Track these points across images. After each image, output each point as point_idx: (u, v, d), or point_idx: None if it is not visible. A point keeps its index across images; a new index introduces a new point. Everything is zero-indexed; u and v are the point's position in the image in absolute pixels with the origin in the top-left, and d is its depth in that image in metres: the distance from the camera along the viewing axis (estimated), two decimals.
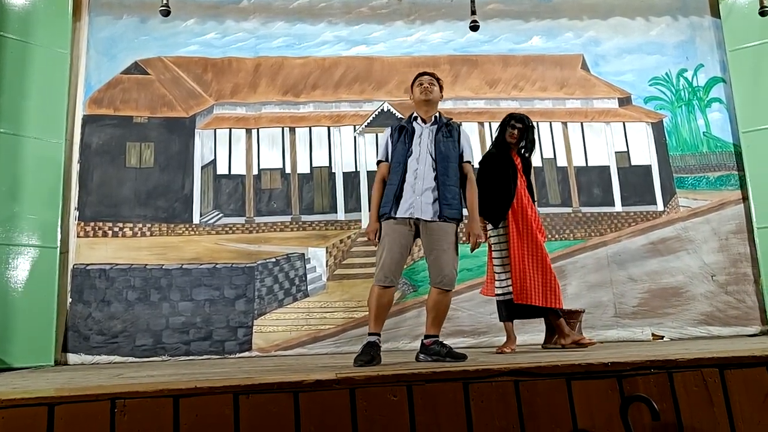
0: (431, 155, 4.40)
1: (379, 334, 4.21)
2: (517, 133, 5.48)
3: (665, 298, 7.09)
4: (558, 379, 2.86)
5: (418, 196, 4.30)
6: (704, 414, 2.87)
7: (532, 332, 6.78)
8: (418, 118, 4.57)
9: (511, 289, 5.26)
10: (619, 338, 6.82)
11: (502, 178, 5.38)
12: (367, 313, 4.36)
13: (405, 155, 4.42)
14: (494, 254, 5.44)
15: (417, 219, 4.30)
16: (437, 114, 4.59)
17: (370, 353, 4.02)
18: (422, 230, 4.33)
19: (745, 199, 7.36)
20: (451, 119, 4.64)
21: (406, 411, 2.72)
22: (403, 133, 4.50)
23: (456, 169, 4.45)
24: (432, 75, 4.67)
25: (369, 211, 4.47)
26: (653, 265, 7.21)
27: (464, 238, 4.52)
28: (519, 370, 2.87)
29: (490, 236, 5.42)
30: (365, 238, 4.54)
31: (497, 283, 5.39)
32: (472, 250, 4.47)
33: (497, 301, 5.43)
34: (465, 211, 4.49)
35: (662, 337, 6.70)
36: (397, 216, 4.31)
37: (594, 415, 2.81)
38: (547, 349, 5.82)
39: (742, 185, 7.41)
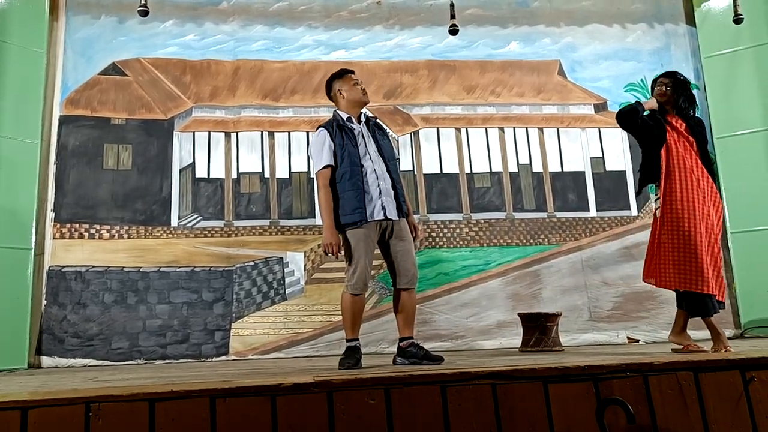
0: (378, 154, 4.30)
1: (358, 339, 4.23)
2: (666, 90, 4.63)
3: (639, 302, 7.15)
4: (535, 383, 2.88)
5: (386, 197, 4.21)
6: (679, 417, 2.90)
7: (509, 336, 6.83)
8: (352, 118, 4.38)
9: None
10: (594, 342, 6.87)
11: (648, 141, 4.62)
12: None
13: (358, 156, 4.23)
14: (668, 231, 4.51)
15: (387, 220, 4.21)
16: (362, 113, 4.49)
17: (355, 356, 4.06)
18: (387, 232, 4.26)
19: None
20: (377, 118, 4.62)
21: (384, 414, 2.73)
22: (344, 133, 4.27)
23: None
24: None
25: (323, 222, 4.26)
26: (627, 269, 7.27)
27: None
28: (496, 373, 2.89)
29: (655, 210, 4.63)
30: (325, 251, 4.25)
31: None
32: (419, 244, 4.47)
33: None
34: None
35: (638, 341, 6.76)
36: (370, 221, 4.18)
37: (570, 418, 2.83)
38: (525, 352, 5.85)
39: None
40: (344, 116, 4.38)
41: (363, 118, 4.44)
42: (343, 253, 4.28)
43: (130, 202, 6.95)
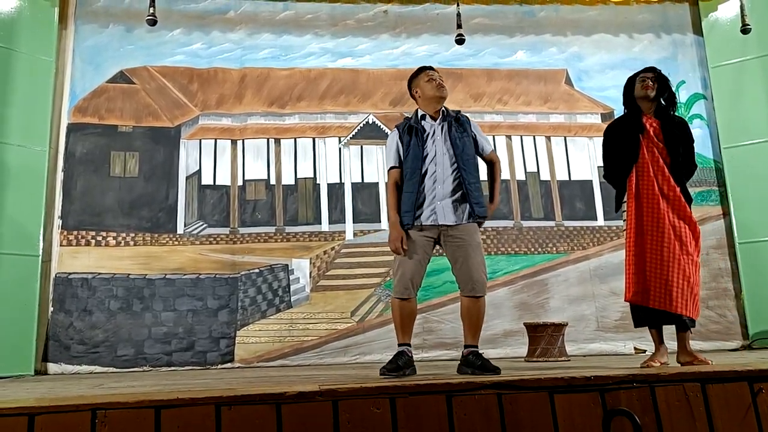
0: (449, 154, 4.12)
1: (408, 344, 4.04)
2: (651, 83, 4.28)
3: None
4: (541, 393, 2.86)
5: (439, 201, 4.04)
6: (686, 428, 2.88)
7: (514, 345, 6.80)
8: (426, 116, 4.24)
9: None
10: (601, 352, 6.85)
11: (620, 149, 4.30)
12: (393, 325, 4.16)
13: (421, 158, 4.11)
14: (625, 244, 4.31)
15: (439, 225, 4.04)
16: (444, 109, 4.28)
17: (396, 362, 3.89)
18: (444, 237, 4.08)
19: (725, 214, 7.43)
20: (459, 111, 4.37)
21: (389, 424, 2.72)
22: (412, 134, 4.16)
23: (476, 164, 4.21)
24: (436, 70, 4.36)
25: (388, 219, 4.22)
26: None
27: None
28: (502, 383, 2.88)
29: (623, 222, 4.38)
30: (391, 248, 4.10)
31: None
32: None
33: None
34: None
35: (645, 351, 6.72)
36: (418, 224, 4.05)
37: (576, 428, 2.82)
38: (531, 362, 5.83)
39: (723, 201, 7.49)
40: (420, 114, 4.27)
41: (443, 114, 4.26)
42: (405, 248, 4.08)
43: (136, 209, 6.97)
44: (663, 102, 4.34)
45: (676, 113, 4.43)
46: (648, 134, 4.24)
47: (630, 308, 4.34)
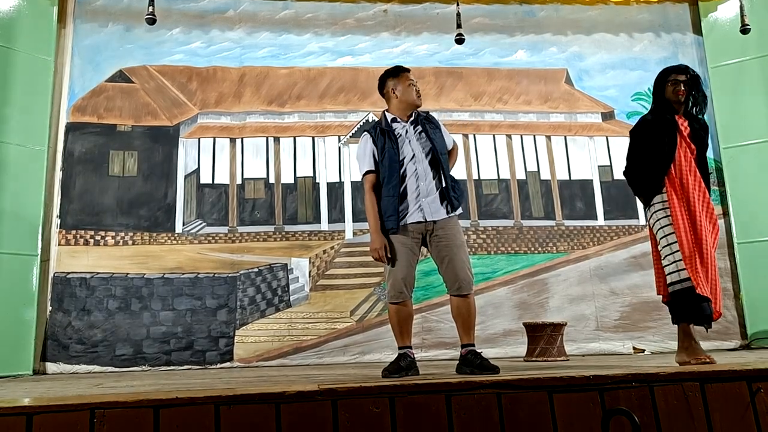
0: (426, 151, 4.11)
1: (409, 346, 4.03)
2: (683, 88, 4.32)
3: (646, 312, 7.12)
4: (540, 392, 2.86)
5: (424, 198, 4.02)
6: (684, 427, 2.88)
7: (513, 345, 6.80)
8: (397, 119, 4.20)
9: (685, 274, 4.00)
10: (600, 351, 6.84)
11: (655, 145, 4.25)
12: (391, 329, 4.14)
13: (398, 160, 4.06)
14: (659, 240, 4.22)
15: (425, 223, 4.01)
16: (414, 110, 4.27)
17: (399, 363, 3.89)
18: (430, 237, 4.05)
19: (725, 214, 7.41)
20: (428, 111, 4.37)
21: (389, 423, 2.71)
22: (386, 137, 4.11)
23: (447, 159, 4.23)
24: None
25: (369, 226, 4.14)
26: (635, 278, 7.25)
27: None
28: (501, 382, 2.88)
29: (649, 220, 4.34)
30: (373, 257, 4.08)
31: (669, 277, 4.11)
32: None
33: (670, 294, 4.14)
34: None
35: (643, 351, 6.73)
36: (403, 225, 4.02)
37: (575, 427, 2.82)
38: (530, 361, 5.83)
39: (723, 201, 7.48)
40: (390, 117, 4.22)
41: (412, 116, 4.23)
42: (389, 257, 4.06)
43: (135, 208, 6.96)
44: (694, 105, 4.39)
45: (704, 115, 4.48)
46: (681, 135, 4.26)
47: (676, 296, 4.11)
